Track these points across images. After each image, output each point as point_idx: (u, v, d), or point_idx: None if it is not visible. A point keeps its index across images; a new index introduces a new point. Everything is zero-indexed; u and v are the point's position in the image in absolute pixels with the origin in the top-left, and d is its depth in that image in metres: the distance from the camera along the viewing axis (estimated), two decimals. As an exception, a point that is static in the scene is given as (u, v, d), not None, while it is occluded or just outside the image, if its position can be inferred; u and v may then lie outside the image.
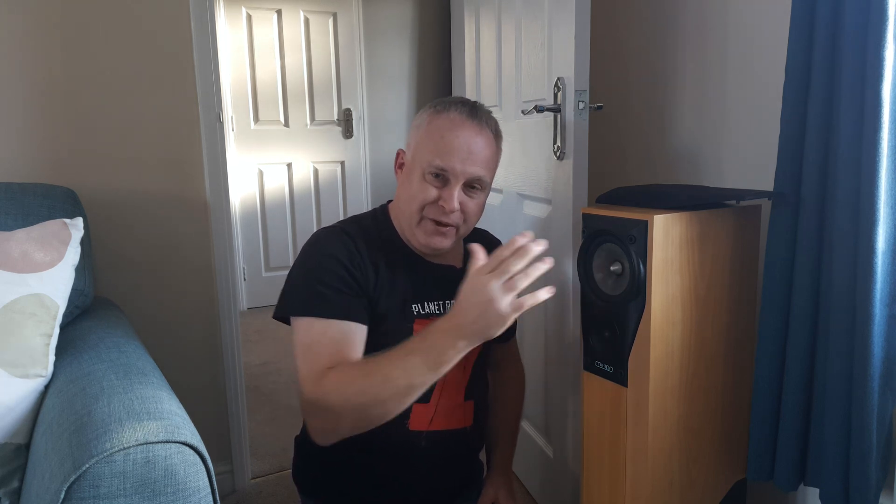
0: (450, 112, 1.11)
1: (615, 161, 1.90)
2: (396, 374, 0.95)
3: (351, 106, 3.73)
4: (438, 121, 1.11)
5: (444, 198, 1.09)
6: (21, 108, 1.50)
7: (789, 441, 1.16)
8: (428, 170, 1.09)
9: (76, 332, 1.20)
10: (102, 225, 1.58)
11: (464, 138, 1.09)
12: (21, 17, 1.48)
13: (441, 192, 1.09)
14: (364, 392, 0.96)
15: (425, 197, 1.09)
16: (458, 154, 1.08)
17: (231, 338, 1.81)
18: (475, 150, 1.10)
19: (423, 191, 1.09)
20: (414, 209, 1.11)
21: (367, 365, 0.99)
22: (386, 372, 0.95)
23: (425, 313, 1.15)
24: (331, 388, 0.97)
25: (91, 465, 0.75)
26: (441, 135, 1.09)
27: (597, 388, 1.21)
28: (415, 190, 1.10)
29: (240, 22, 3.52)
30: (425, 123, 1.12)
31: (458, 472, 1.25)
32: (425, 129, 1.12)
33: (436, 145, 1.09)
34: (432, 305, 1.16)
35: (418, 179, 1.10)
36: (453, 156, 1.08)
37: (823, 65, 1.06)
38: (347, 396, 0.97)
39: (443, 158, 1.08)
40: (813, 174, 1.09)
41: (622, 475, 1.17)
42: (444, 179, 1.09)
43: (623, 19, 1.85)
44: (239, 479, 1.88)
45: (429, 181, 1.09)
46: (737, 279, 1.20)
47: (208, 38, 1.68)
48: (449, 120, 1.10)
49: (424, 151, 1.10)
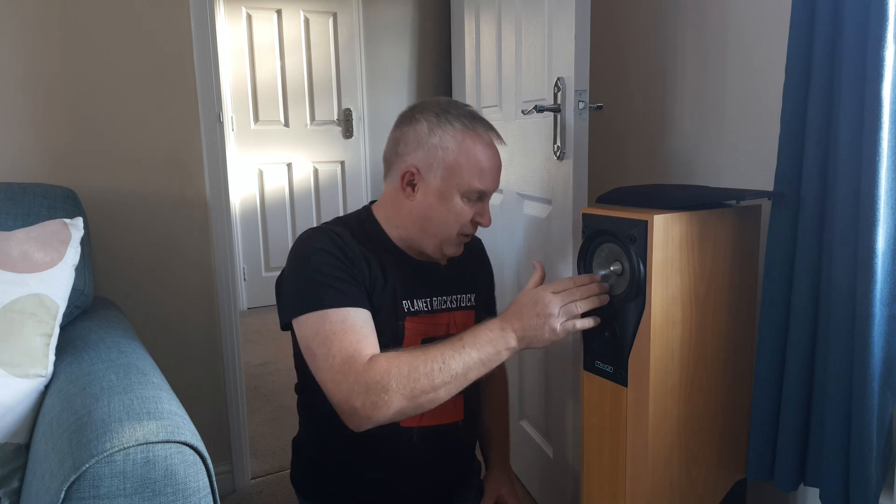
0: (478, 132, 1.14)
1: (615, 161, 1.90)
2: (454, 365, 1.00)
3: (351, 106, 3.73)
4: (472, 143, 1.13)
5: (481, 214, 1.17)
6: (21, 108, 1.50)
7: (789, 441, 1.16)
8: (468, 195, 1.14)
9: (76, 332, 1.20)
10: (102, 225, 1.59)
11: (496, 159, 1.16)
12: (21, 16, 1.48)
13: (476, 208, 1.16)
14: (421, 377, 0.98)
15: (465, 218, 1.15)
16: (494, 175, 1.16)
17: (231, 338, 1.81)
18: (499, 167, 1.18)
19: (464, 213, 1.14)
20: (453, 231, 1.15)
21: (424, 352, 1.01)
22: (445, 360, 1.00)
23: (415, 310, 1.16)
24: (385, 368, 0.98)
25: (91, 465, 0.75)
26: (478, 158, 1.13)
27: (597, 388, 1.21)
28: (454, 213, 1.14)
29: (240, 22, 3.52)
30: (454, 146, 1.12)
31: (453, 467, 1.26)
32: (458, 152, 1.12)
33: (476, 168, 1.13)
34: (420, 303, 1.17)
35: (455, 201, 1.14)
36: (488, 177, 1.14)
37: (823, 65, 1.06)
38: (403, 379, 0.98)
39: (483, 182, 1.14)
40: (813, 174, 1.09)
41: (622, 475, 1.17)
42: (479, 198, 1.16)
43: (623, 19, 1.85)
44: (239, 479, 1.88)
45: (466, 204, 1.14)
46: (737, 279, 1.20)
47: (208, 38, 1.68)
48: (480, 141, 1.14)
49: (464, 175, 1.12)
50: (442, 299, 1.20)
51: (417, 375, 0.98)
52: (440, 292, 1.20)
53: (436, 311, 1.19)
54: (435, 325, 1.18)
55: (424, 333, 1.17)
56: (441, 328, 1.19)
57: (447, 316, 1.20)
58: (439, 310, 1.19)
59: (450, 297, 1.21)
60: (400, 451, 1.15)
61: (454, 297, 1.22)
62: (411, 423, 1.15)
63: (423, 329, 1.17)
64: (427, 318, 1.17)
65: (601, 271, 1.17)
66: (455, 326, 1.20)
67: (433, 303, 1.19)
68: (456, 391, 1.02)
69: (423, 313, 1.17)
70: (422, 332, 1.17)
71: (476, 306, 1.26)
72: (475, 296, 1.26)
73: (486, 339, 1.03)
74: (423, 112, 1.14)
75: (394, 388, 0.97)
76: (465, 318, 1.23)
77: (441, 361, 0.99)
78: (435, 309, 1.19)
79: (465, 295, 1.24)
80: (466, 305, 1.23)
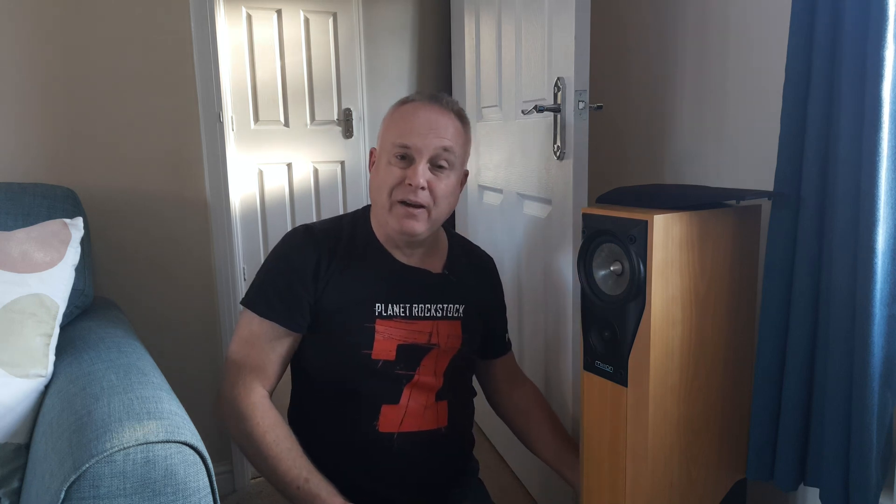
0: (411, 100, 1.17)
1: (615, 161, 1.90)
2: (278, 477, 1.08)
3: (351, 106, 3.73)
4: (400, 109, 1.17)
5: (409, 175, 1.11)
6: (21, 108, 1.50)
7: (789, 441, 1.16)
8: (392, 152, 1.12)
9: (76, 332, 1.19)
10: (102, 225, 1.58)
11: (424, 117, 1.12)
12: (21, 17, 1.48)
13: (406, 171, 1.12)
14: (252, 455, 1.09)
15: (392, 179, 1.11)
16: (420, 130, 1.11)
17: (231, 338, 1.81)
18: (437, 126, 1.12)
19: (390, 174, 1.12)
20: (384, 195, 1.13)
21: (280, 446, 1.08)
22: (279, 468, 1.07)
23: (388, 314, 1.15)
24: (249, 413, 1.09)
25: (91, 465, 0.75)
26: (402, 118, 1.14)
27: (597, 388, 1.21)
28: (382, 176, 1.14)
29: (240, 22, 3.52)
30: (388, 116, 1.18)
31: (439, 471, 1.24)
32: (388, 119, 1.18)
33: (398, 128, 1.13)
34: (397, 308, 1.16)
35: (385, 165, 1.13)
36: (414, 133, 1.11)
37: (823, 65, 1.06)
38: (245, 438, 1.09)
39: (404, 137, 1.11)
40: (813, 174, 1.09)
41: (622, 475, 1.17)
42: (409, 160, 1.12)
43: (623, 19, 1.85)
44: (239, 479, 1.88)
45: (394, 164, 1.12)
46: (737, 279, 1.20)
47: (208, 38, 1.68)
48: (410, 105, 1.16)
49: (387, 137, 1.15)
50: (425, 307, 1.18)
51: (253, 451, 1.09)
52: (424, 300, 1.18)
53: (416, 318, 1.17)
54: (415, 333, 1.17)
55: (402, 339, 1.16)
56: (423, 336, 1.18)
57: (430, 324, 1.19)
58: (420, 317, 1.18)
59: (435, 306, 1.19)
60: (379, 455, 1.16)
61: (440, 305, 1.20)
62: (390, 429, 1.15)
63: (400, 335, 1.16)
64: (404, 323, 1.16)
65: (601, 271, 1.17)
66: (437, 336, 1.19)
67: (413, 309, 1.17)
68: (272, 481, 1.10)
69: (399, 318, 1.16)
70: (398, 337, 1.15)
71: (464, 318, 1.23)
72: (464, 307, 1.24)
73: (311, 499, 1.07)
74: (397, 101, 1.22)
75: (235, 433, 1.10)
76: (451, 329, 1.21)
77: (274, 466, 1.07)
78: (415, 315, 1.17)
79: (452, 305, 1.22)
80: (453, 316, 1.22)
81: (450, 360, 1.21)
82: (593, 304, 1.19)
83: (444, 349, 1.20)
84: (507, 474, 1.89)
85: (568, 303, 1.48)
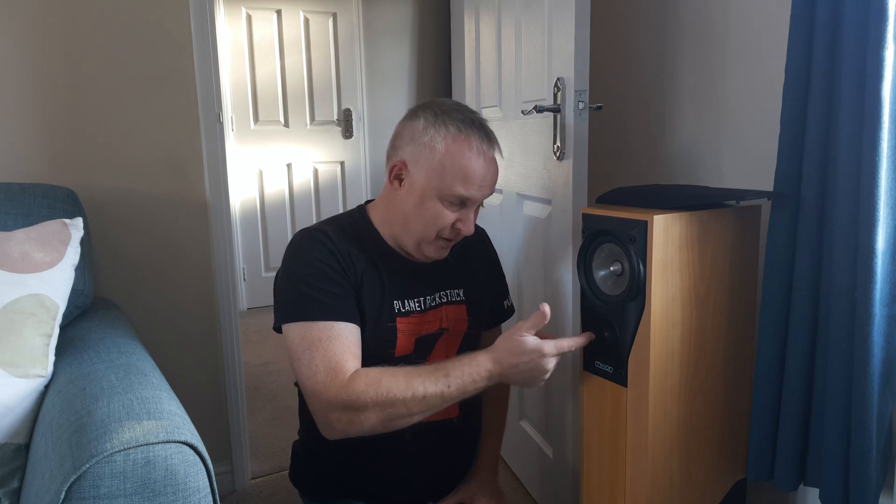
0: (470, 140, 1.11)
1: (615, 161, 1.90)
2: (433, 397, 1.03)
3: (351, 106, 3.73)
4: (459, 148, 1.10)
5: (462, 221, 1.14)
6: (21, 109, 1.50)
7: (789, 441, 1.16)
8: (449, 198, 1.11)
9: (76, 332, 1.20)
10: (102, 225, 1.58)
11: (485, 168, 1.12)
12: (21, 17, 1.48)
13: (458, 214, 1.13)
14: (399, 404, 1.02)
15: (445, 222, 1.13)
16: (480, 183, 1.12)
17: (231, 338, 1.81)
18: (491, 178, 1.14)
19: (443, 217, 1.12)
20: (430, 232, 1.13)
21: (406, 377, 1.04)
22: (425, 391, 1.03)
23: (406, 311, 1.16)
24: (363, 389, 1.02)
25: (91, 465, 0.75)
26: (464, 164, 1.10)
27: (597, 388, 1.21)
28: (432, 215, 1.12)
29: (240, 22, 3.52)
30: (442, 148, 1.10)
31: (450, 461, 1.25)
32: (445, 155, 1.10)
33: (461, 175, 1.10)
34: (413, 303, 1.17)
35: (435, 204, 1.12)
36: (474, 185, 1.11)
37: (823, 65, 1.06)
38: (381, 402, 1.01)
39: (467, 189, 1.11)
40: (813, 174, 1.09)
41: (622, 475, 1.17)
42: (463, 204, 1.13)
43: (623, 19, 1.85)
44: (239, 479, 1.88)
45: (448, 208, 1.12)
46: (737, 279, 1.20)
47: (208, 38, 1.68)
48: (470, 149, 1.10)
49: (446, 178, 1.10)
50: (434, 296, 1.20)
51: (395, 401, 1.01)
52: (431, 290, 1.20)
53: (428, 309, 1.19)
54: (428, 323, 1.18)
55: (418, 333, 1.17)
56: (434, 324, 1.19)
57: (439, 311, 1.20)
58: (432, 306, 1.19)
59: (439, 293, 1.21)
60: (393, 447, 1.16)
61: (443, 292, 1.22)
62: None
63: (416, 329, 1.17)
64: (419, 317, 1.17)
65: (601, 271, 1.17)
66: (447, 320, 1.21)
67: (426, 301, 1.19)
68: (430, 415, 1.06)
69: (416, 313, 1.17)
70: (415, 331, 1.16)
71: (466, 300, 1.25)
72: (463, 290, 1.25)
73: (471, 380, 1.05)
74: (424, 110, 1.15)
75: (370, 409, 1.01)
76: (457, 312, 1.23)
77: (422, 392, 1.02)
78: (427, 307, 1.19)
79: (453, 290, 1.24)
80: (456, 300, 1.23)
81: (460, 343, 1.23)
82: (593, 304, 1.19)
83: (453, 332, 1.22)
84: (507, 474, 1.90)
85: (568, 303, 1.48)
